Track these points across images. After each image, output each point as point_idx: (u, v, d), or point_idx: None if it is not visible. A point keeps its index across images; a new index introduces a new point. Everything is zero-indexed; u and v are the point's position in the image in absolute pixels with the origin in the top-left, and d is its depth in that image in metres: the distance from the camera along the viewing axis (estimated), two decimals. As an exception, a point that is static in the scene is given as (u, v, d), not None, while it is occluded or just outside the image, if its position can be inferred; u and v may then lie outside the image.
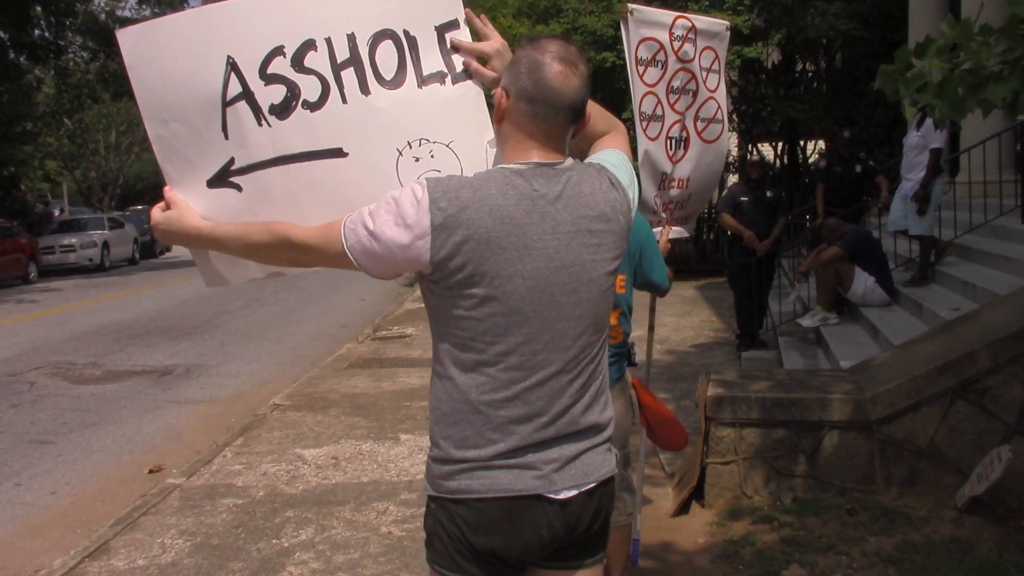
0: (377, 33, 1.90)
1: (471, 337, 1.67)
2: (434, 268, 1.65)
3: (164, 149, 1.97)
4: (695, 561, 3.86)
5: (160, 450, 6.13)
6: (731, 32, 4.31)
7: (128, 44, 1.94)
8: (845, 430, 4.26)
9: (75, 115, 30.25)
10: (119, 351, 9.89)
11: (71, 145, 38.51)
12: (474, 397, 1.68)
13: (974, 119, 9.53)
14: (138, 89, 1.95)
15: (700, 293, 12.50)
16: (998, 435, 4.12)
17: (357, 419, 6.52)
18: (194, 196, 1.96)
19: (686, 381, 7.08)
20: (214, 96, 1.91)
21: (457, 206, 1.62)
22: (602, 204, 1.74)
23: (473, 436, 1.69)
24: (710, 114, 3.99)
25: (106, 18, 26.32)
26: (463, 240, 1.62)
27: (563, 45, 1.73)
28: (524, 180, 1.68)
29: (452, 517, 1.71)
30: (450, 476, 1.70)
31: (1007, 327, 4.26)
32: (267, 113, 1.91)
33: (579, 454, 1.74)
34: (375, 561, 4.02)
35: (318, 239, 1.75)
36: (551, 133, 1.72)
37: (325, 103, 1.90)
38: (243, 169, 1.94)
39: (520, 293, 1.66)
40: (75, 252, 21.94)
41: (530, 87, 1.70)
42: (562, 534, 1.74)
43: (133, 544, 4.35)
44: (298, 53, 1.89)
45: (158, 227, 1.94)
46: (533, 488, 1.69)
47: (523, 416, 1.69)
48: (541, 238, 1.67)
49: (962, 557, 3.63)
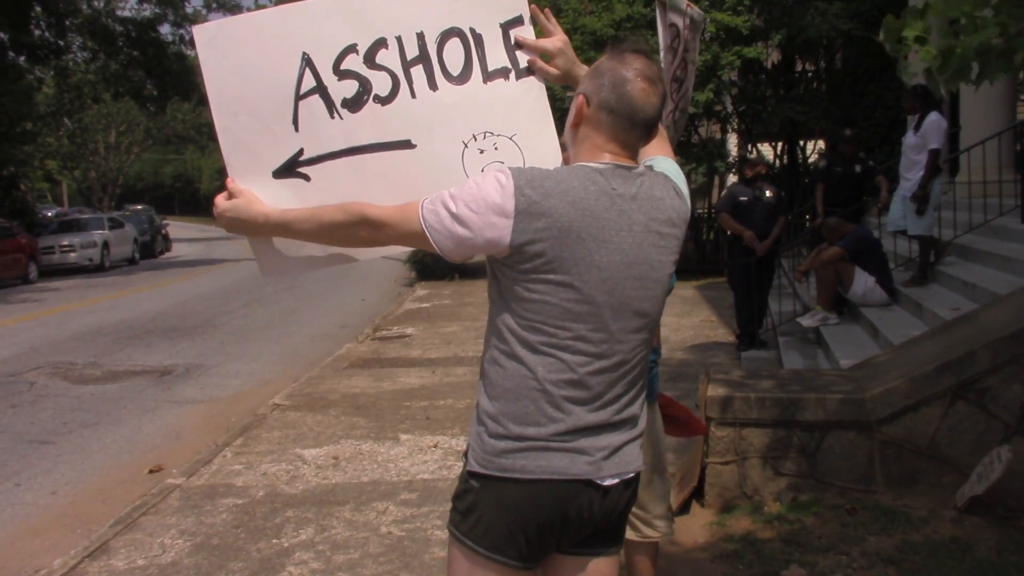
0: (445, 31, 2.00)
1: (542, 320, 1.74)
2: (512, 251, 1.71)
3: (230, 140, 2.04)
4: (695, 561, 3.86)
5: (160, 450, 6.13)
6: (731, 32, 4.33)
7: (204, 39, 2.03)
8: (845, 430, 4.26)
9: (75, 115, 30.28)
10: (119, 351, 9.90)
11: (71, 145, 38.54)
12: (541, 375, 1.74)
13: (974, 120, 9.57)
14: (210, 82, 2.03)
15: (700, 293, 12.51)
16: (998, 435, 4.12)
17: (357, 419, 6.52)
18: (259, 187, 2.03)
19: (686, 381, 7.08)
20: (287, 90, 2.01)
21: (541, 194, 1.69)
22: (670, 210, 1.83)
23: (534, 413, 1.74)
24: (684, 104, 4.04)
25: (106, 18, 26.31)
26: (545, 227, 1.69)
27: (647, 62, 1.80)
28: (604, 178, 1.76)
29: (500, 496, 1.75)
30: (505, 453, 1.75)
31: (1007, 327, 4.27)
32: (339, 106, 2.01)
33: (622, 445, 1.81)
34: (375, 561, 4.03)
35: (394, 216, 1.82)
36: (627, 143, 1.82)
37: (395, 98, 2.01)
38: (313, 160, 2.03)
39: (595, 283, 1.73)
40: (75, 252, 21.95)
41: (613, 101, 1.78)
42: (599, 519, 1.81)
43: (133, 544, 4.35)
44: (370, 51, 2.00)
45: (224, 215, 1.98)
46: (585, 473, 1.75)
47: (582, 399, 1.76)
48: (618, 233, 1.75)
49: (962, 557, 3.63)
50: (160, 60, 24.98)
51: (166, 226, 31.24)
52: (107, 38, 25.30)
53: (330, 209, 1.89)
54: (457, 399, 6.99)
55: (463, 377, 7.76)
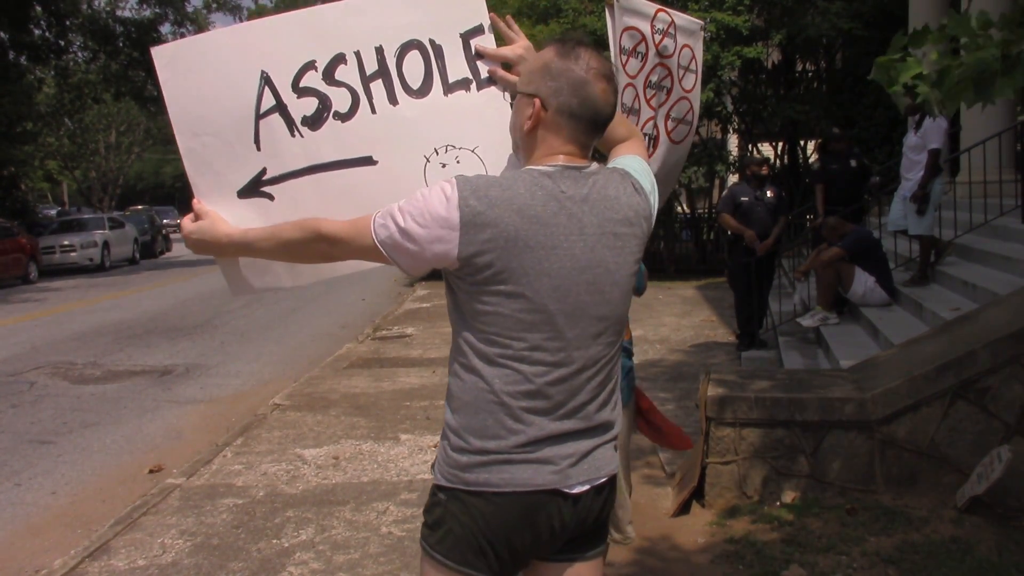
0: (404, 44, 1.98)
1: (496, 332, 1.72)
2: (462, 264, 1.69)
3: (195, 162, 2.03)
4: (695, 561, 3.86)
5: (160, 450, 6.13)
6: (731, 32, 4.31)
7: (163, 60, 2.01)
8: (845, 430, 4.26)
9: (75, 115, 30.26)
10: (119, 351, 9.90)
11: (71, 145, 38.53)
12: (498, 388, 1.72)
13: (974, 119, 9.58)
14: (171, 104, 2.01)
15: (700, 293, 12.50)
16: (998, 435, 4.12)
17: (357, 419, 6.52)
18: (224, 207, 2.02)
19: (686, 381, 7.08)
20: (248, 109, 1.99)
21: (486, 204, 1.66)
22: (626, 208, 1.78)
23: (494, 426, 1.72)
24: (681, 114, 3.97)
25: (106, 18, 26.31)
26: (491, 238, 1.66)
27: (600, 59, 1.76)
28: (552, 181, 1.72)
29: (467, 509, 1.73)
30: (469, 467, 1.73)
31: (1007, 327, 4.27)
32: (300, 124, 2.00)
33: (591, 450, 1.78)
34: (375, 561, 4.03)
35: (348, 231, 1.80)
36: (585, 144, 1.79)
37: (355, 114, 1.99)
38: (276, 179, 2.02)
39: (546, 291, 1.70)
40: (75, 252, 21.94)
41: (575, 105, 1.73)
42: (572, 528, 1.79)
43: (133, 544, 4.35)
44: (329, 67, 1.99)
45: (191, 237, 1.99)
46: (551, 483, 1.73)
47: (543, 408, 1.73)
48: (568, 238, 1.70)
49: (962, 557, 3.63)
50: (160, 60, 24.97)
51: (167, 227, 31.25)
52: (107, 38, 25.29)
53: (287, 227, 1.88)
54: (457, 399, 6.97)
55: (463, 377, 7.74)
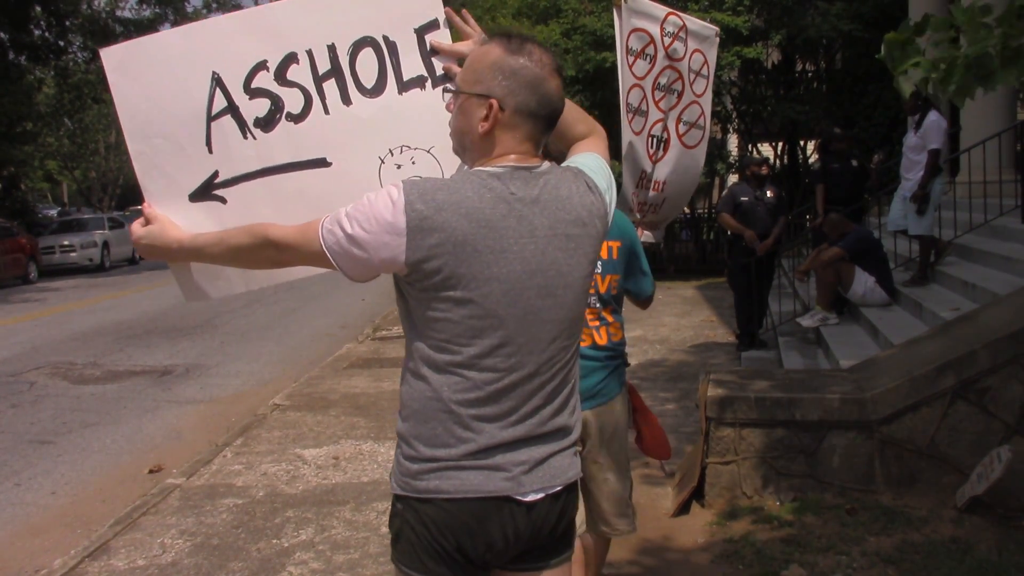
0: (357, 41, 1.94)
1: (446, 339, 1.67)
2: (410, 270, 1.64)
3: (145, 165, 2.00)
4: (695, 561, 3.86)
5: (160, 450, 6.13)
6: (731, 32, 4.31)
7: (112, 62, 1.97)
8: (845, 430, 4.26)
9: (75, 115, 30.25)
10: (119, 351, 9.89)
11: (71, 145, 38.50)
12: (447, 396, 1.68)
13: (974, 120, 9.58)
14: (121, 107, 1.97)
15: (700, 293, 12.50)
16: (998, 435, 4.12)
17: (357, 419, 6.52)
18: (175, 211, 1.99)
19: (686, 381, 7.08)
20: (199, 111, 1.95)
21: (433, 208, 1.61)
22: (579, 208, 1.73)
23: (443, 434, 1.69)
24: (693, 118, 3.97)
25: (106, 18, 26.32)
26: (439, 243, 1.61)
27: (548, 53, 1.72)
28: (501, 183, 1.67)
29: (420, 517, 1.71)
30: (419, 475, 1.70)
31: (1007, 327, 4.27)
32: (252, 126, 1.96)
33: (547, 457, 1.74)
34: (375, 561, 4.02)
35: (296, 237, 1.75)
36: (539, 141, 1.74)
37: (308, 115, 1.95)
38: (228, 182, 1.98)
39: (496, 296, 1.65)
40: (75, 252, 21.94)
41: (533, 104, 1.69)
42: (527, 536, 1.74)
43: (133, 544, 4.35)
44: (281, 67, 1.94)
45: (140, 242, 1.96)
46: (502, 490, 1.69)
47: (493, 415, 1.69)
48: (518, 241, 1.66)
49: (962, 557, 3.63)
50: (160, 60, 24.98)
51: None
52: (107, 38, 25.25)
53: (236, 232, 1.84)
54: (457, 399, 6.97)
55: (463, 377, 7.75)
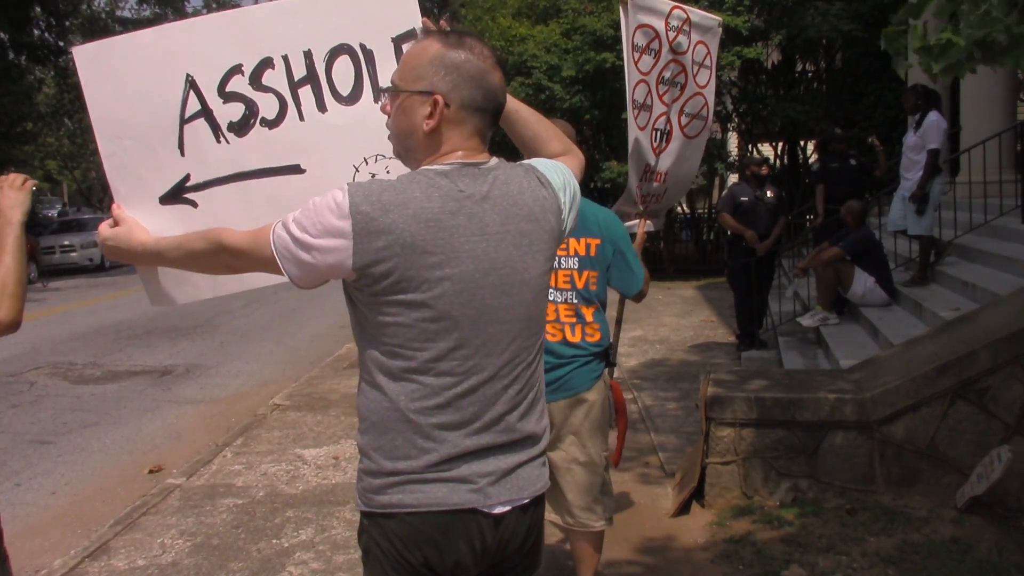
0: (334, 49, 1.92)
1: (399, 344, 1.62)
2: (358, 275, 1.59)
3: (115, 166, 1.98)
4: (695, 561, 3.86)
5: (160, 450, 6.13)
6: (731, 32, 4.31)
7: (85, 61, 1.96)
8: (845, 430, 4.26)
9: (75, 115, 30.26)
10: (119, 351, 9.89)
11: (71, 145, 38.49)
12: (404, 405, 1.62)
13: (974, 119, 9.57)
14: (93, 106, 1.96)
15: (700, 293, 12.50)
16: (998, 435, 4.12)
17: (357, 419, 6.51)
18: (145, 213, 1.97)
19: (686, 381, 7.08)
20: (172, 114, 1.94)
21: (379, 209, 1.56)
22: (531, 203, 1.69)
23: (404, 446, 1.63)
24: (695, 109, 3.98)
25: (107, 18, 26.33)
26: (386, 245, 1.56)
27: (487, 46, 1.69)
28: (449, 180, 1.62)
29: (385, 533, 1.65)
30: (382, 490, 1.65)
31: (1007, 327, 4.27)
32: (226, 130, 1.94)
33: (515, 467, 1.69)
34: (375, 561, 4.02)
35: (249, 243, 1.70)
36: (486, 135, 1.70)
37: (283, 121, 1.94)
38: (199, 185, 1.96)
39: (449, 297, 1.60)
40: (76, 252, 21.94)
41: (479, 98, 1.65)
42: (494, 550, 1.69)
43: (133, 544, 4.35)
44: (256, 71, 1.92)
45: (106, 243, 1.94)
46: (468, 502, 1.63)
47: (455, 423, 1.63)
48: (469, 240, 1.61)
49: (962, 557, 3.63)
50: (160, 60, 25.01)
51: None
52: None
53: (193, 237, 1.81)
54: (457, 399, 6.98)
55: (463, 377, 7.75)
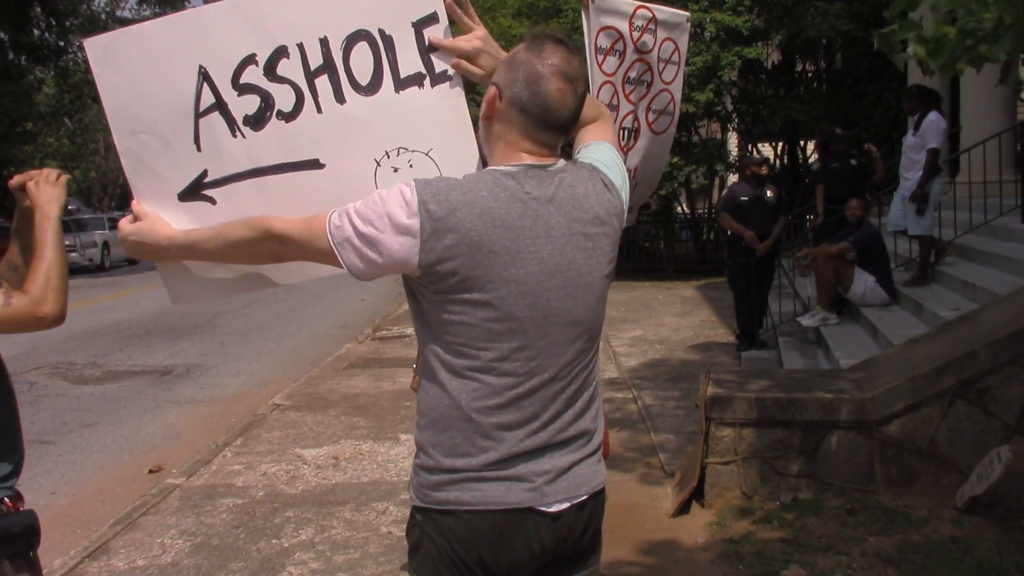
0: (351, 35, 1.83)
1: (463, 343, 1.62)
2: (423, 272, 1.60)
3: (132, 161, 1.93)
4: (695, 561, 3.86)
5: (160, 450, 6.13)
6: (731, 32, 4.31)
7: (96, 53, 1.89)
8: (845, 430, 4.26)
9: (75, 115, 30.28)
10: (119, 351, 9.89)
11: (71, 145, 38.53)
12: (465, 404, 1.64)
13: (974, 119, 9.57)
14: (106, 100, 1.90)
15: (700, 293, 12.50)
16: (998, 435, 4.12)
17: (357, 419, 6.52)
18: (165, 210, 1.91)
19: (686, 381, 7.08)
20: (186, 107, 1.87)
21: (447, 208, 1.57)
22: (596, 207, 1.69)
23: (463, 443, 1.64)
24: (662, 105, 3.98)
25: (106, 18, 26.34)
26: (453, 244, 1.57)
27: (566, 57, 1.66)
28: (515, 182, 1.62)
29: (440, 529, 1.66)
30: (439, 487, 1.66)
31: (1007, 327, 4.26)
32: (241, 124, 1.86)
33: (571, 466, 1.69)
34: (375, 561, 4.02)
35: (301, 231, 1.69)
36: (542, 142, 1.68)
37: (300, 113, 1.85)
38: (217, 181, 1.89)
39: (513, 298, 1.60)
40: (75, 252, 21.95)
41: (525, 98, 1.64)
42: (552, 547, 1.69)
43: (133, 544, 4.35)
44: (270, 61, 1.84)
45: (128, 239, 1.88)
46: (525, 501, 1.64)
47: (514, 423, 1.64)
48: (535, 242, 1.61)
49: (962, 557, 3.63)
50: (160, 60, 25.02)
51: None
52: (107, 38, 25.31)
53: (235, 225, 1.77)
54: (457, 399, 6.98)
55: (463, 377, 7.75)
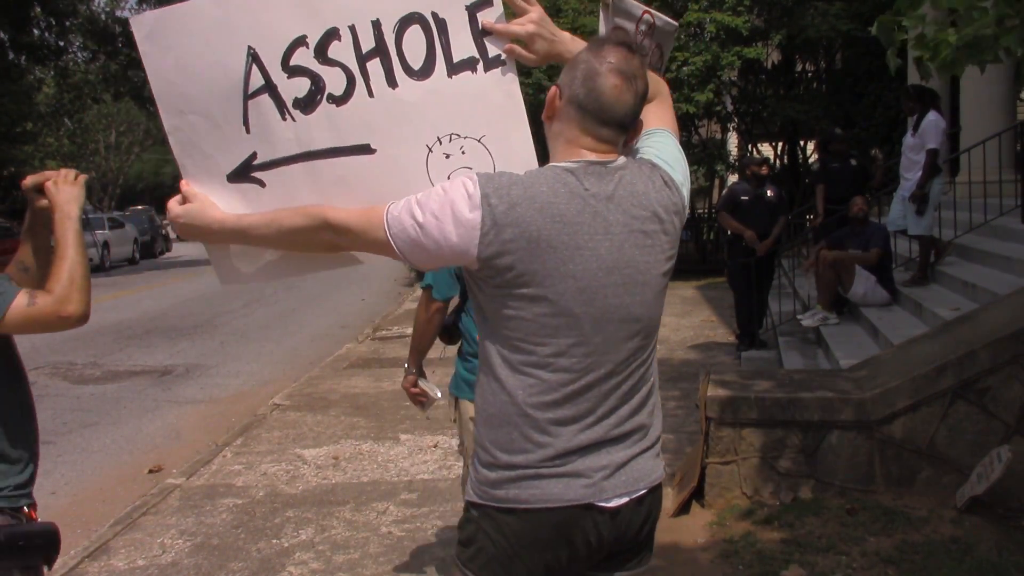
0: (404, 18, 1.79)
1: (520, 338, 1.64)
2: (481, 265, 1.61)
3: (181, 142, 1.89)
4: (695, 561, 3.85)
5: (160, 450, 6.13)
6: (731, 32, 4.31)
7: (143, 32, 1.85)
8: (845, 430, 4.26)
9: (75, 115, 30.27)
10: (119, 351, 9.89)
11: (71, 145, 38.50)
12: (521, 399, 1.64)
13: (974, 119, 9.57)
14: (153, 79, 1.86)
15: (700, 293, 12.50)
16: (998, 435, 4.12)
17: (357, 419, 6.52)
18: (213, 191, 1.88)
19: (686, 381, 7.07)
20: (235, 88, 1.83)
21: (508, 203, 1.59)
22: (655, 204, 1.69)
23: (519, 440, 1.65)
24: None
25: (106, 18, 26.33)
26: (513, 238, 1.58)
27: (625, 56, 1.67)
28: (575, 178, 1.64)
29: (499, 527, 1.67)
30: (498, 484, 1.66)
31: (1007, 327, 4.26)
32: (291, 107, 1.83)
33: (628, 460, 1.70)
34: (375, 561, 4.02)
35: (358, 221, 1.71)
36: (601, 138, 1.69)
37: (351, 97, 1.81)
38: (266, 164, 1.86)
39: (571, 294, 1.62)
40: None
41: (582, 95, 1.66)
42: (610, 542, 1.71)
43: (133, 544, 4.35)
44: (321, 43, 1.80)
45: (178, 220, 1.86)
46: (583, 497, 1.65)
47: (569, 418, 1.65)
48: (593, 238, 1.62)
49: (962, 557, 3.63)
50: (160, 60, 25.02)
51: (167, 226, 31.27)
52: (107, 38, 25.29)
53: (289, 213, 1.78)
54: (457, 399, 6.98)
55: (463, 377, 7.75)
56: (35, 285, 2.03)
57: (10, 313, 1.93)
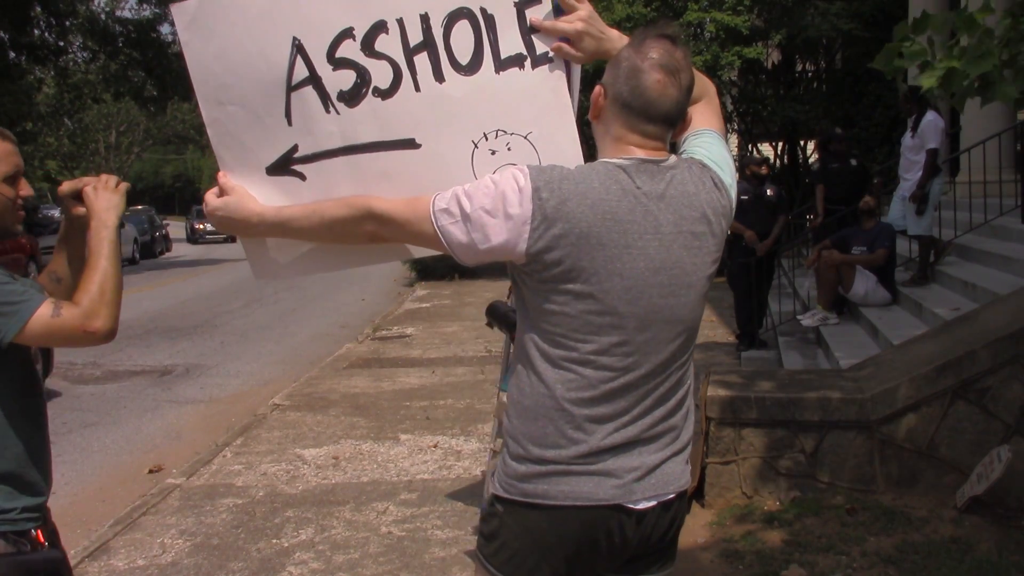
0: (452, 13, 1.77)
1: (563, 333, 1.62)
2: (529, 259, 1.59)
3: (219, 133, 1.87)
4: (695, 561, 3.85)
5: (160, 450, 6.13)
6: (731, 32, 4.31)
7: (184, 20, 1.83)
8: (845, 430, 4.26)
9: (75, 115, 30.27)
10: (119, 351, 9.88)
11: (71, 145, 38.54)
12: (560, 394, 1.63)
13: (974, 119, 9.57)
14: (194, 69, 1.84)
15: (700, 293, 12.49)
16: (998, 435, 4.12)
17: (357, 419, 6.52)
18: (252, 183, 1.86)
19: (686, 381, 7.07)
20: (278, 80, 1.81)
21: (559, 198, 1.57)
22: (705, 205, 1.68)
23: (554, 434, 1.63)
24: None
25: (106, 18, 26.33)
26: (562, 234, 1.57)
27: (668, 51, 1.64)
28: (627, 176, 1.62)
29: (523, 523, 1.66)
30: (526, 478, 1.65)
31: (1007, 327, 4.27)
32: (335, 100, 1.80)
33: (660, 463, 1.68)
34: (375, 561, 4.02)
35: (403, 212, 1.68)
36: (648, 135, 1.67)
37: (397, 91, 1.79)
38: (308, 157, 1.84)
39: (617, 292, 1.60)
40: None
41: (626, 93, 1.64)
42: (634, 545, 1.70)
43: (133, 544, 4.35)
44: (368, 36, 1.78)
45: (215, 213, 1.82)
46: (613, 498, 1.64)
47: (606, 416, 1.64)
48: (642, 237, 1.61)
49: (962, 557, 3.63)
50: (160, 60, 24.97)
51: (166, 226, 31.28)
52: (107, 38, 25.28)
53: (332, 204, 1.75)
54: (457, 399, 6.99)
55: (463, 377, 7.76)
56: (68, 298, 1.92)
57: (32, 323, 1.80)
